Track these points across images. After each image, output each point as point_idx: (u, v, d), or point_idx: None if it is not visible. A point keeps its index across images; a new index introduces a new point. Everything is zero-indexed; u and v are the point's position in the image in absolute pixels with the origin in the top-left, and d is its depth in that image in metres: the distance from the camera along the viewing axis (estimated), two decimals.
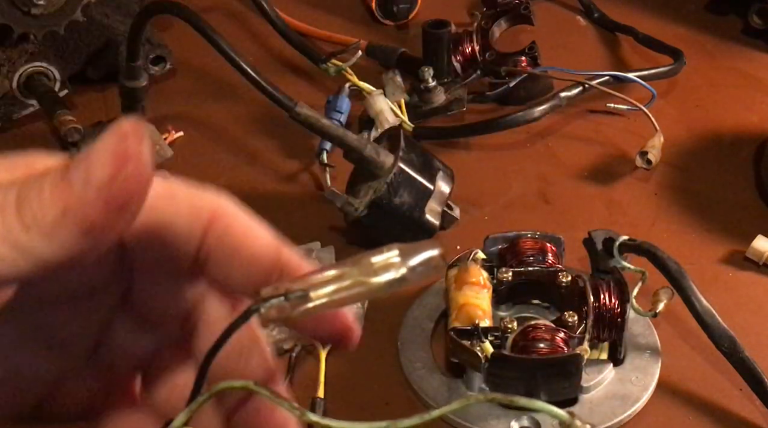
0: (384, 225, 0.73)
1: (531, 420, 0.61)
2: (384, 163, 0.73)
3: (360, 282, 0.32)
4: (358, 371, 0.66)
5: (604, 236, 0.67)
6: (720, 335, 0.61)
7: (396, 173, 0.72)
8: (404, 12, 1.03)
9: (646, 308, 0.63)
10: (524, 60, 0.91)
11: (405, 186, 0.72)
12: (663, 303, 0.62)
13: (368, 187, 0.73)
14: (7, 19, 0.83)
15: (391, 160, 0.73)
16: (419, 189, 0.73)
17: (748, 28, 1.00)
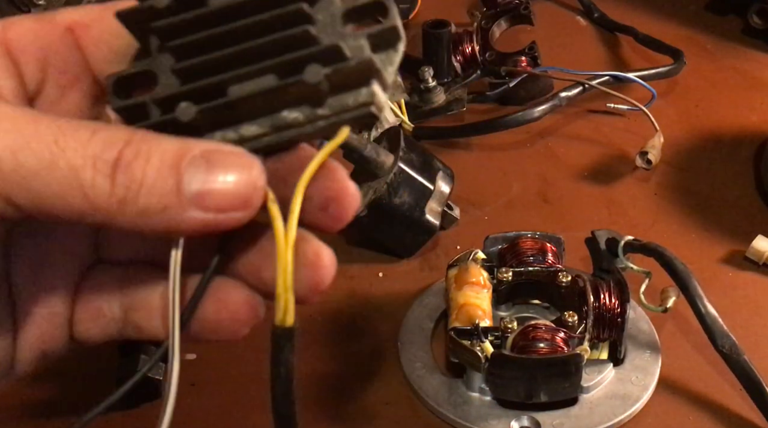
0: (384, 225, 0.73)
1: (531, 420, 0.61)
2: (384, 163, 0.73)
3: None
4: (358, 371, 0.66)
5: (607, 236, 0.67)
6: (721, 337, 0.61)
7: (396, 173, 0.72)
8: (404, 12, 1.03)
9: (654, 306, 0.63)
10: (524, 60, 0.91)
11: (405, 186, 0.72)
12: (672, 300, 0.62)
13: (368, 187, 0.73)
14: None
15: (391, 160, 0.73)
16: (419, 189, 0.73)
17: (748, 28, 1.00)
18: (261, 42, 0.33)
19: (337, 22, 0.34)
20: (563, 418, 0.61)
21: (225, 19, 0.33)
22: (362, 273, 0.74)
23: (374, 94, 0.33)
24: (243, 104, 0.33)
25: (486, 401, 0.62)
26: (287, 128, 0.34)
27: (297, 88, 0.33)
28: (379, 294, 0.72)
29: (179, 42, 0.34)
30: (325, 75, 0.33)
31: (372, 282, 0.73)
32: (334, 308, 0.71)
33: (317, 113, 0.34)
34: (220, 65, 0.33)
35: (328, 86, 0.33)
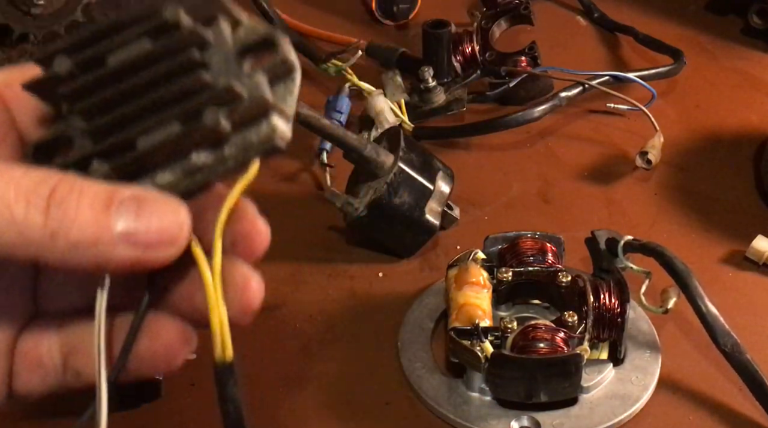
0: (384, 226, 0.73)
1: (531, 420, 0.61)
2: (384, 163, 0.73)
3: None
4: (358, 371, 0.66)
5: (607, 236, 0.67)
6: (723, 336, 0.61)
7: (396, 173, 0.72)
8: (404, 12, 1.03)
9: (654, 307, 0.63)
10: (524, 60, 0.91)
11: (405, 186, 0.72)
12: (673, 300, 0.62)
13: (368, 187, 0.73)
14: (7, 19, 0.83)
15: (391, 160, 0.73)
16: (419, 189, 0.73)
17: (748, 28, 1.00)
18: (161, 93, 0.35)
19: (231, 63, 0.35)
20: (563, 418, 0.61)
21: (124, 76, 0.35)
22: (362, 273, 0.74)
23: (275, 127, 0.35)
24: (153, 155, 0.35)
25: (486, 401, 0.62)
26: (199, 171, 0.35)
27: (200, 132, 0.34)
28: (379, 294, 0.72)
29: (85, 104, 0.35)
30: (223, 116, 0.34)
31: (372, 282, 0.73)
32: (334, 308, 0.71)
33: (224, 153, 0.35)
34: (127, 120, 0.35)
35: (230, 125, 0.35)
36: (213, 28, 0.35)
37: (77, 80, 0.35)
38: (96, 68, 0.35)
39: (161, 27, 0.35)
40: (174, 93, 0.35)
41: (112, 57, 0.35)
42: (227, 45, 0.35)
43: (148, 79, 0.35)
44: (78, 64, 0.35)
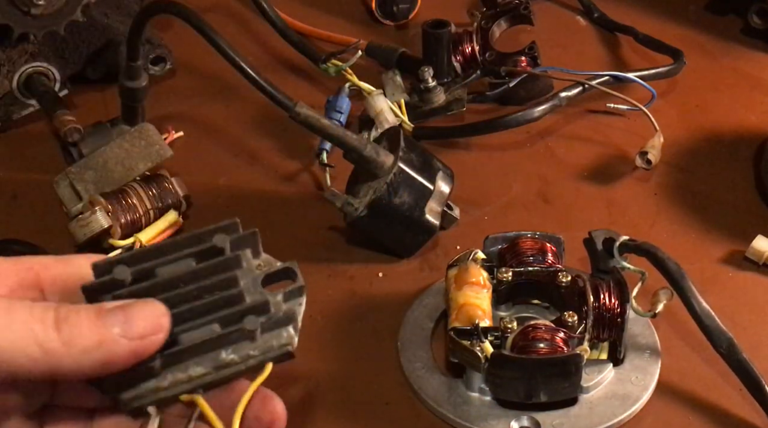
0: (384, 225, 0.73)
1: (531, 420, 0.61)
2: (384, 163, 0.73)
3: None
4: (358, 371, 0.66)
5: (605, 236, 0.67)
6: (718, 336, 0.61)
7: (396, 173, 0.72)
8: (404, 12, 1.03)
9: (645, 308, 0.63)
10: (524, 60, 0.91)
11: (405, 186, 0.72)
12: (662, 304, 0.62)
13: (368, 187, 0.73)
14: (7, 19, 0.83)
15: (391, 160, 0.73)
16: (419, 189, 0.73)
17: (748, 28, 1.00)
18: (203, 302, 0.42)
19: (258, 284, 0.43)
20: (563, 418, 0.61)
21: (170, 286, 0.42)
22: (362, 273, 0.74)
23: (292, 336, 0.43)
24: (193, 349, 0.42)
25: (486, 401, 0.62)
26: (226, 367, 0.42)
27: (237, 334, 0.42)
28: (379, 294, 0.72)
29: None
30: (261, 323, 0.42)
31: (372, 282, 0.73)
32: (334, 308, 0.71)
33: (249, 353, 0.42)
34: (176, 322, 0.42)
35: (260, 332, 0.43)
36: (244, 256, 0.44)
37: (131, 287, 0.42)
38: (148, 278, 0.43)
39: (208, 251, 0.43)
40: (216, 302, 0.42)
41: (162, 270, 0.43)
42: (253, 270, 0.44)
43: (192, 290, 0.42)
44: (133, 273, 0.42)
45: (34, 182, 0.83)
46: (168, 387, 0.42)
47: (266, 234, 0.41)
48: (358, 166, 0.74)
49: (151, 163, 0.77)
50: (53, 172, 0.77)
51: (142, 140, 0.77)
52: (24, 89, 0.87)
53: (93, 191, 0.75)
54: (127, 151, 0.76)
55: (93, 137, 0.81)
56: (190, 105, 0.92)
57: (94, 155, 0.77)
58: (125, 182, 0.76)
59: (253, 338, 0.42)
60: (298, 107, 0.72)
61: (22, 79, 0.86)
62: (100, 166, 0.76)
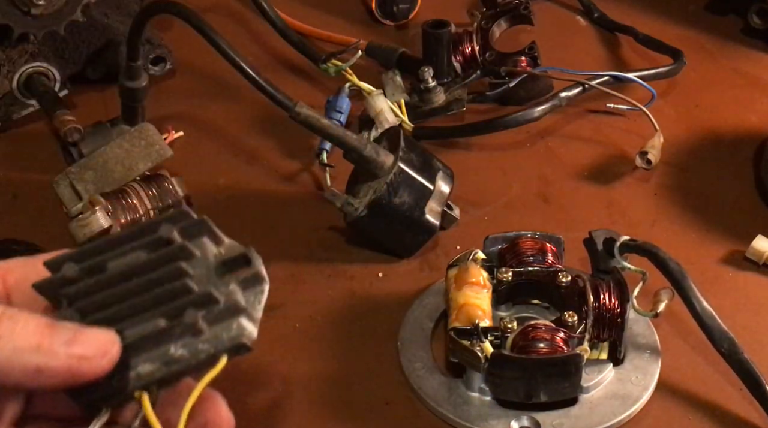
0: (384, 226, 0.73)
1: (531, 420, 0.61)
2: (384, 163, 0.73)
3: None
4: (358, 371, 0.66)
5: (605, 236, 0.67)
6: (719, 336, 0.61)
7: (396, 173, 0.72)
8: (404, 12, 1.03)
9: (646, 308, 0.63)
10: (524, 60, 0.91)
11: (405, 186, 0.72)
12: (664, 304, 0.62)
13: (368, 187, 0.73)
14: (7, 19, 0.83)
15: (391, 160, 0.73)
16: (419, 189, 0.73)
17: (748, 28, 1.00)
18: (150, 295, 0.41)
19: (212, 274, 0.42)
20: (563, 418, 0.61)
21: (121, 280, 0.42)
22: (362, 273, 0.74)
23: (243, 327, 0.41)
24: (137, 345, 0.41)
25: (486, 401, 0.62)
26: (175, 362, 0.41)
27: (180, 327, 0.41)
28: (379, 294, 0.72)
29: (83, 302, 0.42)
30: (201, 316, 0.41)
31: (372, 282, 0.73)
32: (334, 308, 0.71)
33: (198, 347, 0.41)
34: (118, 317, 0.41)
35: (206, 324, 0.41)
36: (199, 245, 0.42)
37: (80, 283, 0.42)
38: (97, 272, 0.42)
39: (157, 242, 0.42)
40: (161, 295, 0.41)
41: (112, 264, 0.42)
42: (209, 259, 0.42)
43: (140, 283, 0.42)
44: (83, 269, 0.42)
45: (34, 182, 0.83)
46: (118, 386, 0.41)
47: (266, 234, 0.41)
48: (358, 166, 0.74)
49: (151, 163, 0.77)
50: (53, 172, 0.77)
51: (142, 140, 0.77)
52: (24, 89, 0.87)
53: (93, 191, 0.75)
54: (127, 151, 0.76)
55: (93, 137, 0.81)
56: (190, 105, 0.92)
57: (94, 155, 0.77)
58: (125, 182, 0.76)
59: (198, 332, 0.41)
60: (298, 107, 0.72)
61: (22, 79, 0.86)
62: (100, 166, 0.76)
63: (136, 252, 0.42)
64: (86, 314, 0.42)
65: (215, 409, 0.43)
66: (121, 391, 0.41)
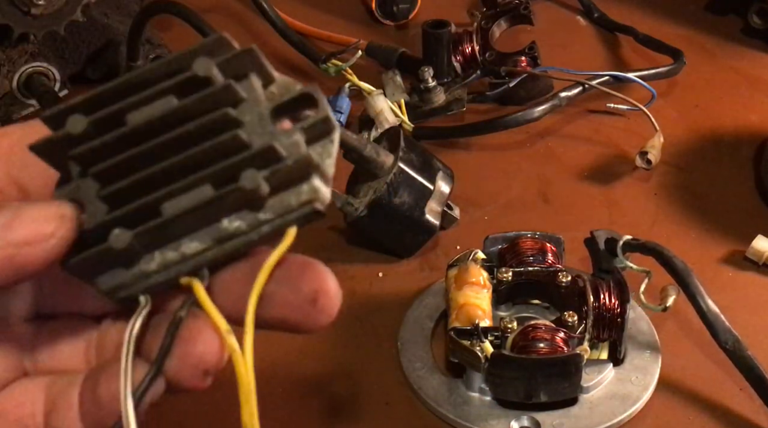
0: (384, 226, 0.73)
1: (531, 420, 0.61)
2: (384, 163, 0.73)
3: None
4: (358, 371, 0.66)
5: (607, 236, 0.67)
6: (724, 333, 0.61)
7: (396, 173, 0.72)
8: (404, 12, 1.03)
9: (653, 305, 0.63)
10: (524, 60, 0.91)
11: (405, 186, 0.72)
12: (672, 298, 0.62)
13: (368, 187, 0.73)
14: (7, 19, 0.83)
15: (391, 159, 0.73)
16: (419, 189, 0.73)
17: (748, 28, 1.00)
18: (190, 154, 0.32)
19: (266, 121, 0.32)
20: (563, 418, 0.61)
21: (147, 135, 0.32)
22: (362, 273, 0.74)
23: (317, 190, 0.33)
24: (180, 220, 0.32)
25: (486, 401, 0.62)
26: (230, 238, 0.33)
27: (234, 196, 0.32)
28: (379, 294, 0.72)
29: (101, 166, 0.32)
30: (263, 178, 0.32)
31: (372, 282, 0.73)
32: None
33: (259, 218, 0.33)
34: (150, 184, 0.32)
35: (268, 189, 0.32)
36: (245, 85, 0.33)
37: (92, 140, 0.32)
38: (115, 126, 0.32)
39: (189, 82, 0.32)
40: (205, 154, 0.32)
41: (133, 115, 0.33)
42: (261, 102, 0.33)
43: (174, 138, 0.32)
44: (93, 123, 0.33)
45: None
46: (158, 270, 0.33)
47: None
48: (358, 166, 0.74)
49: None
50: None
51: None
52: (24, 89, 0.87)
53: None
54: None
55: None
56: None
57: None
58: None
59: (259, 199, 0.32)
60: None
61: (22, 79, 0.86)
62: None
63: (164, 97, 0.33)
64: (106, 182, 0.33)
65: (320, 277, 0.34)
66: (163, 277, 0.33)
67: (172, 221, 0.32)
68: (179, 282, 0.33)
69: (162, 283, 0.33)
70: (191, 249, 0.33)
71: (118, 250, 0.32)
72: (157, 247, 0.33)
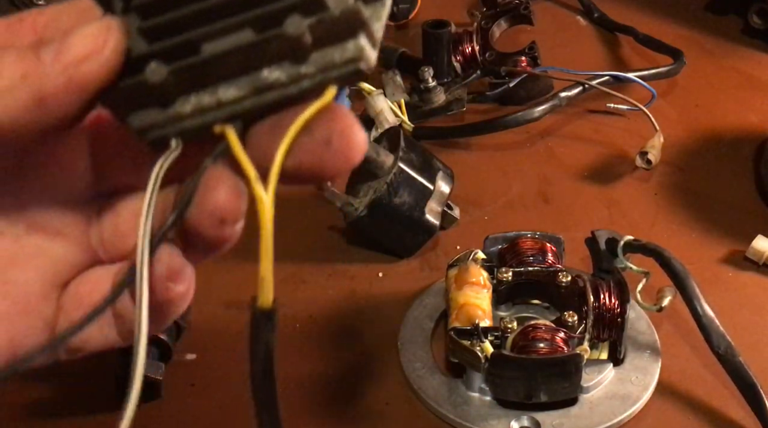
0: (384, 225, 0.73)
1: (531, 420, 0.61)
2: (384, 163, 0.73)
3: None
4: (358, 371, 0.66)
5: (607, 236, 0.67)
6: (717, 338, 0.61)
7: (396, 173, 0.72)
8: (404, 12, 1.03)
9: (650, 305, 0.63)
10: (524, 60, 0.91)
11: (405, 186, 0.72)
12: (668, 299, 0.62)
13: (368, 186, 0.73)
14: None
15: (391, 160, 0.73)
16: (419, 189, 0.73)
17: (748, 28, 1.00)
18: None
19: None
20: (563, 418, 0.61)
21: None
22: (362, 273, 0.74)
23: (362, 49, 0.31)
24: (219, 63, 0.31)
25: (486, 401, 0.62)
26: (269, 89, 0.31)
27: (277, 42, 0.30)
28: (379, 294, 0.72)
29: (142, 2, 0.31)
30: (308, 26, 0.30)
31: (372, 282, 0.73)
32: (334, 308, 0.71)
33: (301, 71, 0.31)
34: (192, 21, 0.31)
35: (311, 40, 0.31)
36: None
37: None
38: None
39: None
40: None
41: None
42: None
43: None
44: None
45: None
46: (192, 113, 0.32)
47: None
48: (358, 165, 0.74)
49: None
50: None
51: None
52: None
53: None
54: None
55: None
56: None
57: None
58: None
59: (302, 48, 0.31)
60: None
61: None
62: None
63: None
64: (148, 14, 0.32)
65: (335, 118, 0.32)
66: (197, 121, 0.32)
67: (211, 62, 0.31)
68: (212, 130, 0.32)
69: (195, 128, 0.32)
70: (228, 96, 0.32)
71: (154, 84, 0.31)
72: (193, 90, 0.32)
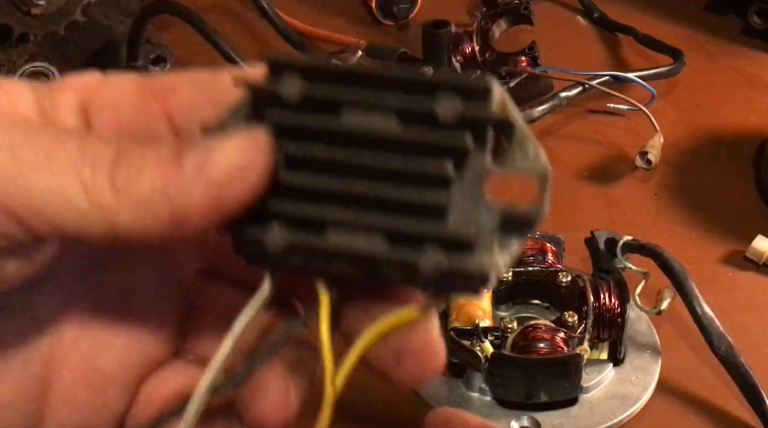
0: None
1: (531, 420, 0.61)
2: None
3: None
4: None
5: (607, 236, 0.67)
6: (718, 338, 0.61)
7: None
8: (404, 12, 1.03)
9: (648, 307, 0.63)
10: (524, 60, 0.91)
11: None
12: (667, 302, 0.62)
13: None
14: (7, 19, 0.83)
15: None
16: None
17: (748, 28, 1.00)
18: (383, 192, 0.27)
19: (477, 187, 0.27)
20: (563, 418, 0.61)
21: (352, 144, 0.27)
22: None
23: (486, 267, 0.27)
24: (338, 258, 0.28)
25: (486, 401, 0.62)
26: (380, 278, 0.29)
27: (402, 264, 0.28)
28: None
29: (291, 147, 0.28)
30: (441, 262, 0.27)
31: None
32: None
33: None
34: (327, 196, 0.28)
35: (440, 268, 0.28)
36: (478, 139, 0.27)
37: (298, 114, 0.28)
38: (327, 114, 0.28)
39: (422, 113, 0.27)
40: (399, 201, 0.27)
41: (350, 115, 0.27)
42: (484, 161, 0.27)
43: (376, 164, 0.27)
44: (307, 96, 0.28)
45: None
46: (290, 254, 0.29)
47: None
48: None
49: None
50: None
51: None
52: None
53: None
54: None
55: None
56: None
57: None
58: None
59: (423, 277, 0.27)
60: None
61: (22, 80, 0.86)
62: None
63: (387, 113, 0.27)
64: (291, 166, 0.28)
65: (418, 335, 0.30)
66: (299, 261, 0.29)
67: (329, 251, 0.28)
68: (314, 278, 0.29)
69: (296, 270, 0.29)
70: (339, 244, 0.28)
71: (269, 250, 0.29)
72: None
